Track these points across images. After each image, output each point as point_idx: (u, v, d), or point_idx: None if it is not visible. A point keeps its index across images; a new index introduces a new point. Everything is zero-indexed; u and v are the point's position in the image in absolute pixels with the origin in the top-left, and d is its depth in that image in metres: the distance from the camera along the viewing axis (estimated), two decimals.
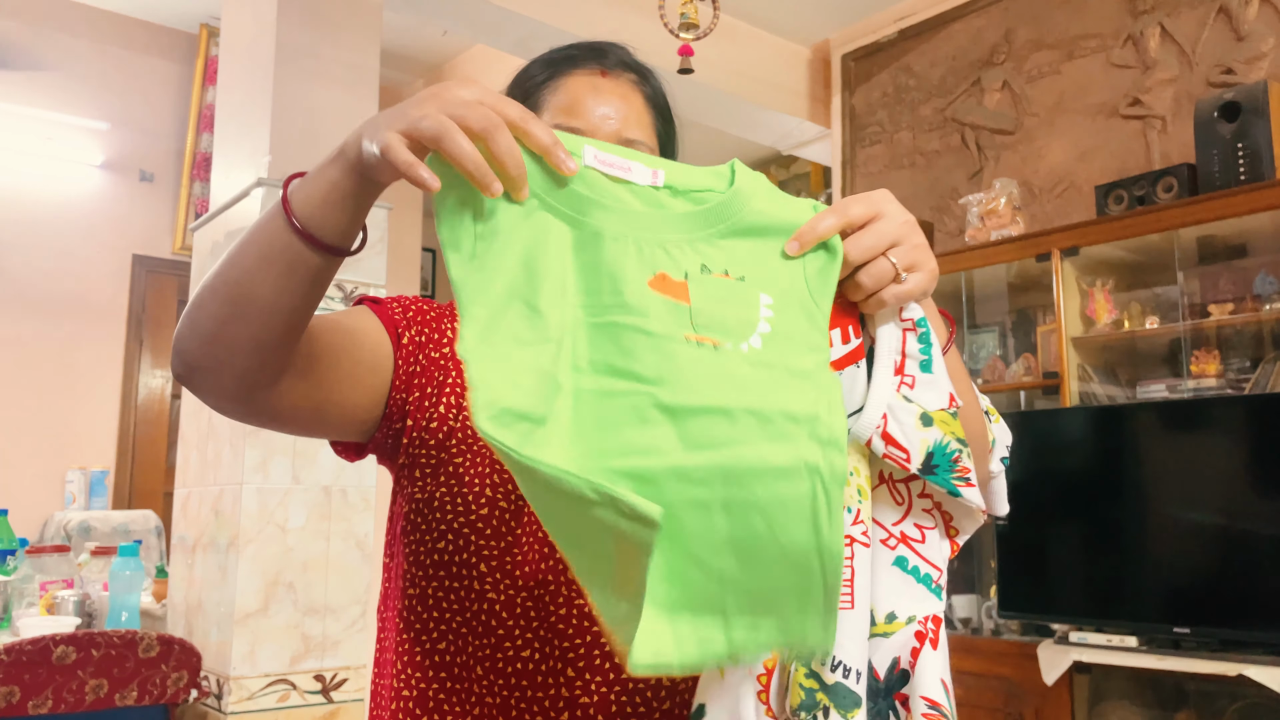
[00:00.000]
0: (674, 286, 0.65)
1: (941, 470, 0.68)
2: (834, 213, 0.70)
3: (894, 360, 0.70)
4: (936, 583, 0.71)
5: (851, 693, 0.65)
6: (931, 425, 0.69)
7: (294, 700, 2.60)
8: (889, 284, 0.70)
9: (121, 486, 4.75)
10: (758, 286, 0.67)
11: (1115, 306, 3.21)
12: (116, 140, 4.86)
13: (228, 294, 0.73)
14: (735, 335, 0.65)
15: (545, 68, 0.94)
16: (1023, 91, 3.84)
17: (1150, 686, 2.86)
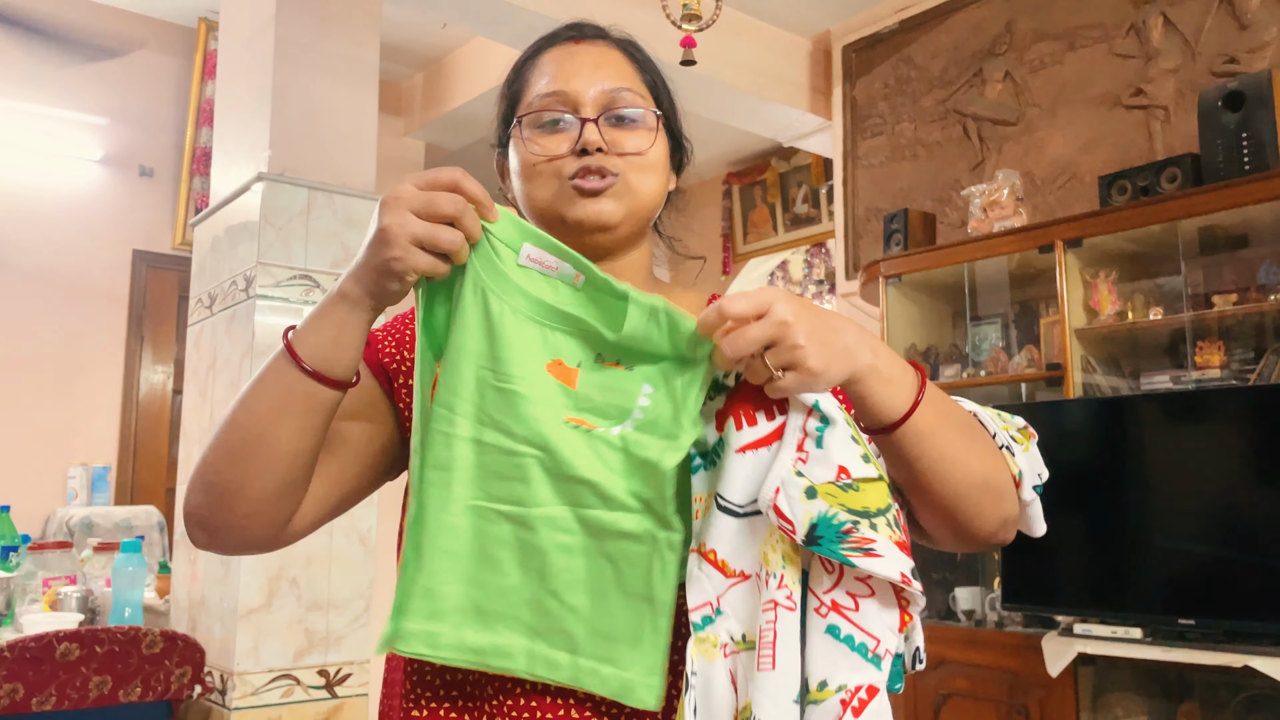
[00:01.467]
0: (566, 372, 0.77)
1: (826, 541, 0.70)
2: (715, 309, 0.74)
3: (797, 439, 0.74)
4: (874, 652, 0.71)
5: None
6: (816, 498, 0.72)
7: (298, 695, 2.60)
8: (765, 382, 0.74)
9: (123, 482, 4.75)
10: (641, 378, 0.77)
11: (1119, 297, 3.20)
12: (116, 135, 4.85)
13: (245, 453, 0.78)
14: (609, 420, 0.76)
15: (531, 51, 0.95)
16: (1025, 82, 3.83)
17: (1155, 678, 2.86)
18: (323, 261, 2.80)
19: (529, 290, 0.77)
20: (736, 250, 6.16)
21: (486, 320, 0.76)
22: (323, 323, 0.78)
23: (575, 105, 0.89)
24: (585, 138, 0.87)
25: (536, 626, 0.76)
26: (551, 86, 0.89)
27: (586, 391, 0.77)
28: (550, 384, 0.76)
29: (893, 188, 4.27)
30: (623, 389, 0.77)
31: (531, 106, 0.90)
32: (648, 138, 0.90)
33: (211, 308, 2.95)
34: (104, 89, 4.83)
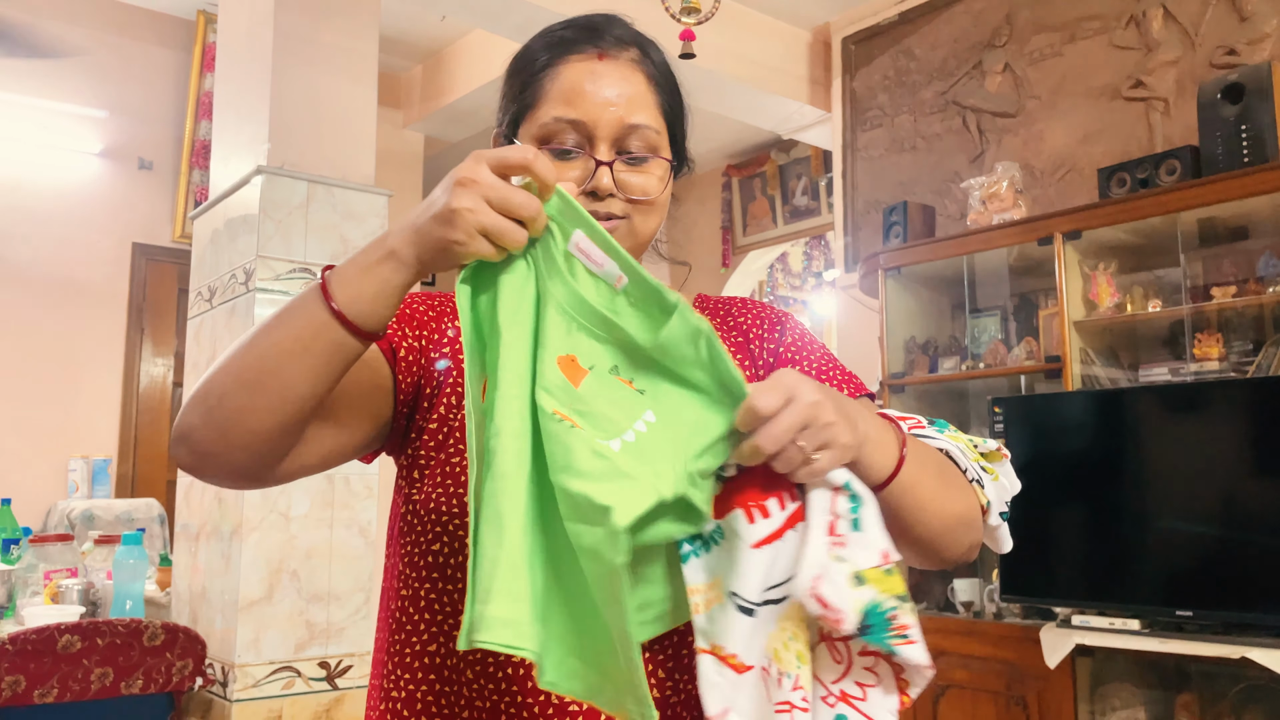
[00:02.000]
0: (574, 370, 0.72)
1: (876, 630, 0.70)
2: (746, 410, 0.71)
3: (826, 521, 0.72)
4: None
5: None
6: (864, 584, 0.70)
7: (299, 687, 2.61)
8: (799, 467, 0.71)
9: (124, 475, 4.76)
10: (649, 404, 0.72)
11: (1118, 290, 3.20)
12: (115, 128, 4.85)
13: (255, 382, 0.76)
14: (598, 431, 0.70)
15: (544, 51, 0.90)
16: (1024, 74, 3.83)
17: (1152, 669, 2.87)
18: (322, 254, 2.80)
19: (568, 279, 0.74)
20: (736, 243, 6.16)
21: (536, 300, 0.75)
22: (366, 276, 0.76)
23: (591, 137, 0.86)
24: (598, 182, 0.86)
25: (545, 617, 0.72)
26: (569, 113, 0.86)
27: (587, 395, 0.72)
28: (556, 377, 0.72)
29: (892, 180, 4.27)
30: (625, 407, 0.72)
31: (546, 129, 0.87)
32: (657, 183, 0.89)
33: (211, 301, 2.96)
34: (103, 82, 4.82)
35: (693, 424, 0.72)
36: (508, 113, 0.93)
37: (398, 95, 5.21)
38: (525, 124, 0.89)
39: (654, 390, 0.73)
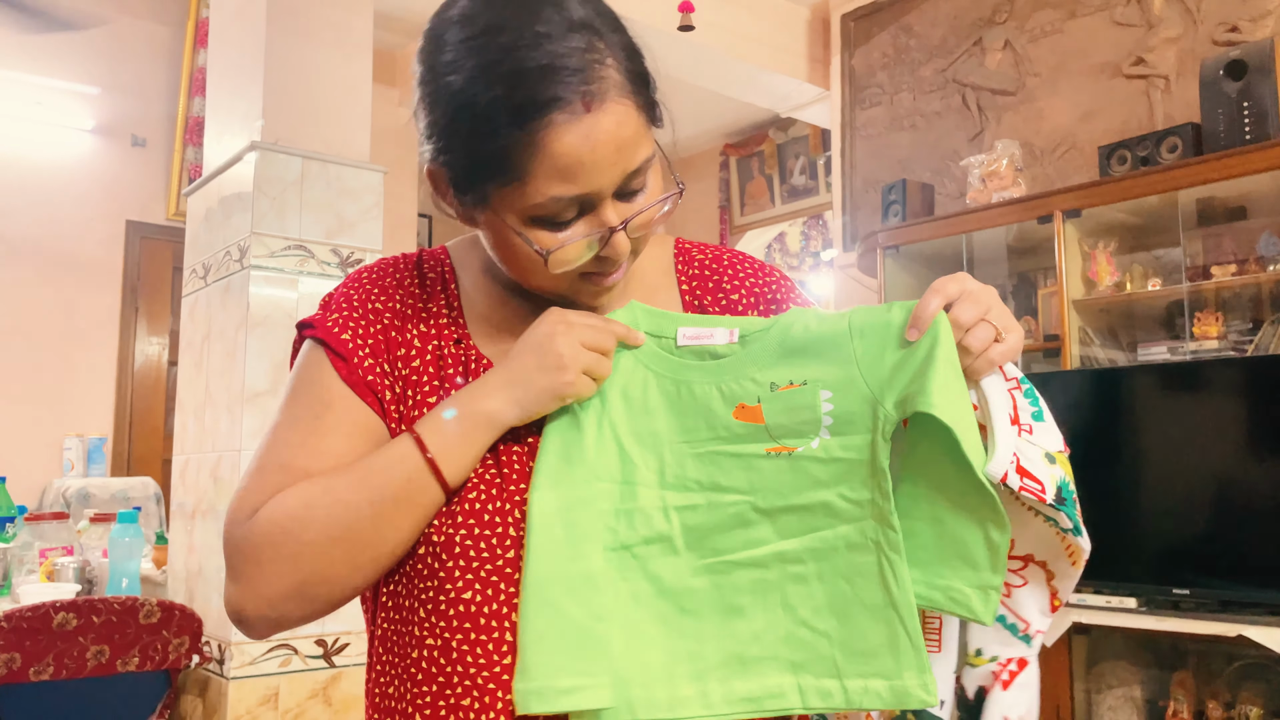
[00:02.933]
0: (751, 412, 0.82)
1: (1069, 505, 0.76)
2: (934, 293, 0.79)
3: (1008, 413, 0.78)
4: (1024, 632, 0.81)
5: (936, 718, 0.81)
6: (1055, 464, 0.77)
7: (296, 665, 2.61)
8: (991, 344, 0.78)
9: (120, 453, 4.75)
10: (818, 386, 0.81)
11: (1117, 269, 3.19)
12: (107, 105, 4.81)
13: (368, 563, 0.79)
14: (805, 436, 0.80)
15: (508, 116, 0.74)
16: (1024, 51, 3.80)
17: (1149, 647, 2.88)
18: (317, 231, 2.78)
19: (694, 362, 0.84)
20: (733, 222, 6.14)
21: (665, 402, 0.83)
22: (471, 446, 0.79)
23: (594, 203, 0.78)
24: (614, 250, 0.80)
25: (797, 660, 0.79)
26: (569, 190, 0.76)
27: (775, 420, 0.81)
28: (744, 429, 0.82)
29: (891, 158, 4.25)
30: (805, 404, 0.81)
31: (543, 209, 0.77)
32: (658, 208, 0.82)
33: (206, 278, 2.94)
34: (95, 58, 4.78)
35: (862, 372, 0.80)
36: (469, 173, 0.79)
37: (393, 72, 5.17)
38: (503, 198, 0.78)
39: (808, 374, 0.82)
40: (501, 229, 0.80)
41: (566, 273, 0.81)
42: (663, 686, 0.78)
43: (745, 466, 0.81)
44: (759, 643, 0.79)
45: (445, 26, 0.78)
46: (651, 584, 0.80)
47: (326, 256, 2.79)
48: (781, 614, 0.79)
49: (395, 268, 0.91)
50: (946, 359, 0.77)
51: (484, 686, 0.78)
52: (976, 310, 0.78)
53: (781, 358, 0.82)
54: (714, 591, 0.80)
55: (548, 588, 0.77)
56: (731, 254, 0.98)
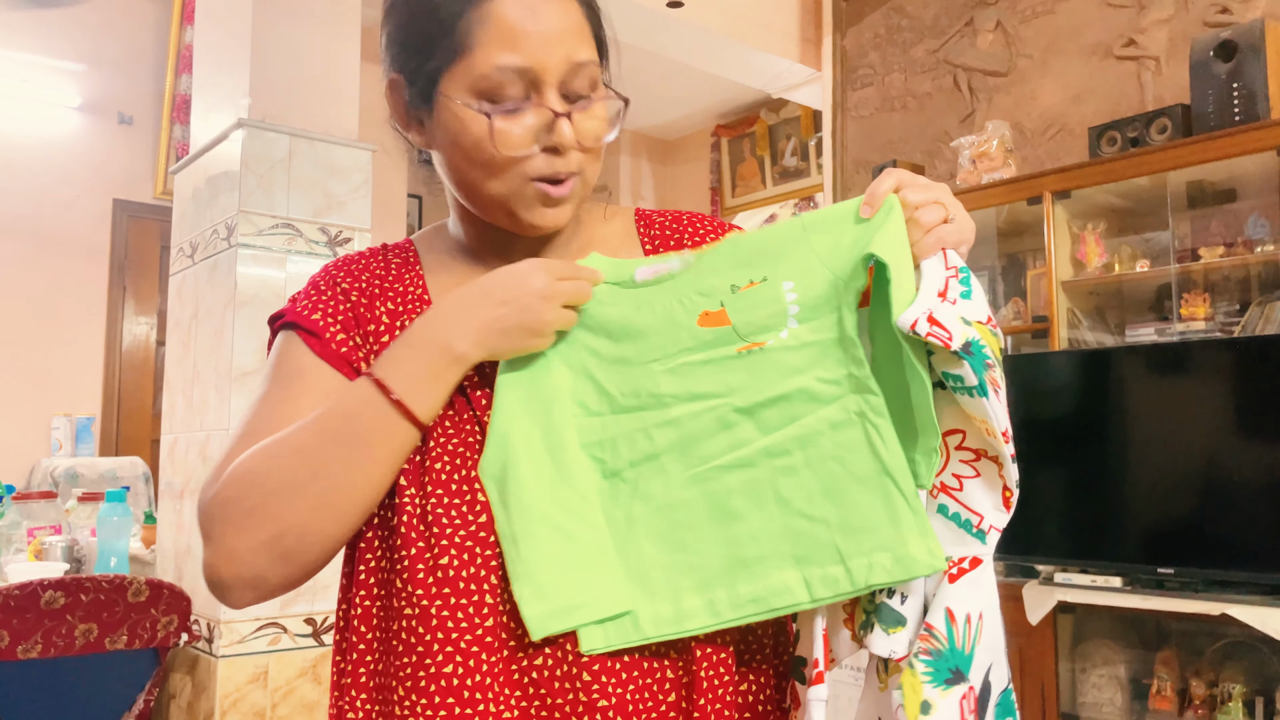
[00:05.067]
0: (715, 316, 0.82)
1: (975, 360, 0.73)
2: (888, 175, 0.80)
3: (938, 288, 0.77)
4: (978, 527, 0.77)
5: (894, 611, 0.77)
6: (970, 326, 0.75)
7: (285, 643, 2.62)
8: (940, 223, 0.78)
9: (108, 433, 4.74)
10: (778, 279, 0.81)
11: (1106, 250, 3.20)
12: (94, 82, 4.77)
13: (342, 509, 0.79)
14: (774, 329, 0.81)
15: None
16: (1016, 32, 3.79)
17: (1133, 626, 2.90)
18: (305, 210, 2.77)
19: (652, 286, 0.84)
20: (724, 204, 6.13)
21: (628, 328, 0.83)
22: (438, 383, 0.80)
23: (538, 83, 0.80)
24: (560, 137, 0.81)
25: (798, 553, 0.78)
26: (512, 59, 0.79)
27: (741, 319, 0.81)
28: (711, 334, 0.82)
29: (882, 139, 4.24)
30: (769, 296, 0.81)
31: (487, 80, 0.79)
32: (607, 125, 0.84)
33: (193, 257, 2.92)
34: (81, 34, 4.74)
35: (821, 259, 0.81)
36: (419, 61, 0.83)
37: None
38: (451, 77, 0.81)
39: (766, 269, 0.82)
40: (451, 112, 0.82)
41: (518, 173, 0.82)
42: (668, 602, 0.78)
43: (719, 369, 0.81)
44: (757, 542, 0.79)
45: None
46: (645, 504, 0.81)
47: (314, 235, 2.77)
48: (776, 509, 0.79)
49: (361, 256, 0.94)
50: (895, 227, 0.78)
51: (467, 650, 0.78)
52: (927, 194, 0.79)
53: (737, 262, 0.83)
54: (707, 499, 0.80)
55: (548, 511, 0.79)
56: (690, 214, 1.00)
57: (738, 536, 0.79)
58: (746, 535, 0.79)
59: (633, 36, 4.15)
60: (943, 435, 0.78)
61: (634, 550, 0.80)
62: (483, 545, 0.79)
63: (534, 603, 0.77)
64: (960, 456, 0.78)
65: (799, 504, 0.79)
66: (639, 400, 0.82)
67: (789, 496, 0.79)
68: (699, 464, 0.81)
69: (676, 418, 0.81)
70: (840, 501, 0.78)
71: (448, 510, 0.80)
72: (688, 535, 0.80)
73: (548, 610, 0.77)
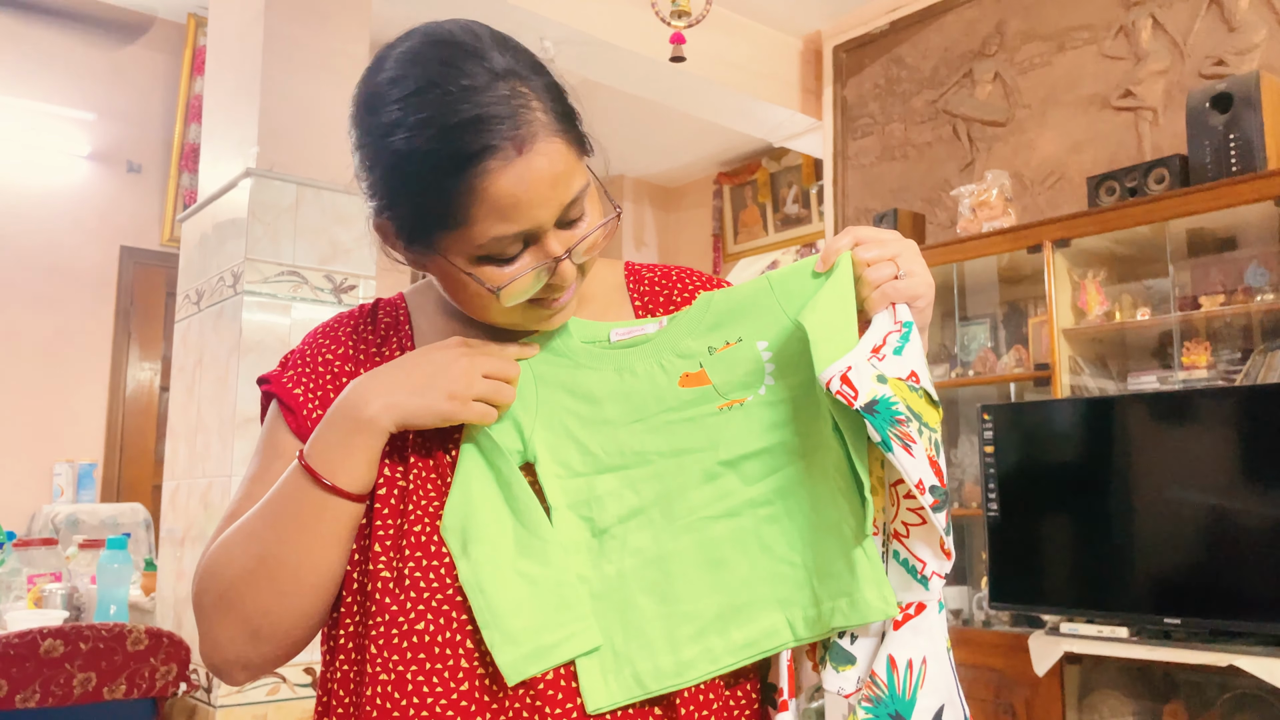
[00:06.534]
0: (695, 378, 0.87)
1: (880, 418, 0.76)
2: (846, 233, 0.84)
3: (874, 343, 0.81)
4: (921, 573, 0.80)
5: (844, 650, 0.81)
6: (884, 384, 0.78)
7: (284, 693, 2.60)
8: (889, 280, 0.82)
9: (110, 479, 4.73)
10: (753, 339, 0.87)
11: (1106, 298, 3.21)
12: (103, 131, 4.83)
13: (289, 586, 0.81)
14: (752, 386, 0.85)
15: (446, 167, 0.77)
16: (1014, 83, 3.84)
17: (1141, 677, 2.87)
18: (311, 258, 2.79)
19: (629, 349, 0.88)
20: (727, 250, 6.16)
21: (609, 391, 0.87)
22: (350, 453, 0.81)
23: (537, 237, 0.81)
24: (561, 278, 0.83)
25: (782, 596, 0.82)
26: (510, 229, 0.79)
27: (721, 379, 0.86)
28: (692, 394, 0.86)
29: (883, 188, 4.28)
30: (745, 356, 0.86)
31: (486, 249, 0.80)
32: (599, 234, 0.85)
33: (199, 304, 2.94)
34: (92, 84, 4.80)
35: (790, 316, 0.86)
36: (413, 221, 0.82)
37: None
38: (449, 242, 0.81)
39: (741, 331, 0.87)
40: (451, 272, 0.83)
41: (519, 306, 0.84)
42: (667, 654, 0.80)
43: (701, 426, 0.85)
44: (748, 588, 0.82)
45: (378, 89, 0.82)
46: (636, 558, 0.83)
47: (320, 282, 2.80)
48: (761, 556, 0.82)
49: (350, 319, 0.96)
50: (838, 284, 0.83)
51: (442, 714, 0.78)
52: (880, 251, 0.83)
53: (711, 325, 0.88)
54: (697, 549, 0.83)
55: (512, 558, 0.81)
56: (679, 269, 1.02)
57: (729, 583, 0.82)
58: (737, 582, 0.82)
59: (636, 87, 4.21)
60: (891, 484, 0.81)
61: (628, 604, 0.82)
62: (458, 610, 0.80)
63: (505, 648, 0.77)
64: (907, 504, 0.80)
65: (781, 550, 0.82)
66: (623, 458, 0.85)
67: (772, 544, 0.82)
68: (686, 515, 0.83)
69: (661, 471, 0.85)
70: (815, 548, 0.82)
71: (425, 574, 0.81)
72: (680, 585, 0.82)
73: (520, 655, 0.77)
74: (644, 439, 0.85)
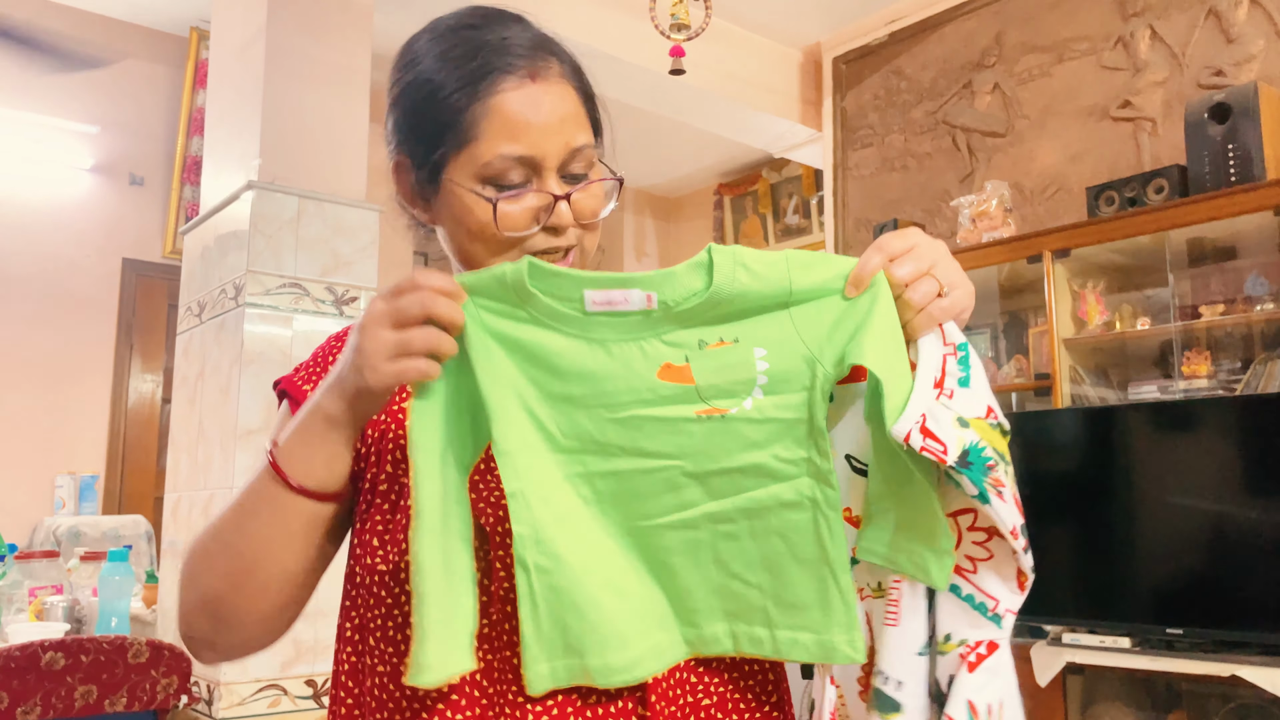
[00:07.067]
0: (678, 372, 0.77)
1: (974, 469, 0.71)
2: (876, 250, 0.76)
3: (934, 377, 0.74)
4: (993, 611, 0.75)
5: (889, 698, 0.75)
6: (968, 428, 0.72)
7: (285, 706, 2.59)
8: (933, 300, 0.75)
9: (111, 491, 4.73)
10: (751, 343, 0.77)
11: (1107, 308, 3.22)
12: (106, 143, 4.84)
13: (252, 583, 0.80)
14: (738, 396, 0.76)
15: (461, 84, 0.82)
16: (1014, 94, 3.85)
17: (1143, 687, 2.87)
18: (313, 270, 2.80)
19: (608, 319, 0.77)
20: None
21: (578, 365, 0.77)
22: (311, 447, 0.79)
23: (538, 169, 0.83)
24: (559, 219, 0.83)
25: (731, 609, 0.78)
26: (514, 149, 0.81)
27: (706, 380, 0.76)
28: (670, 389, 0.77)
29: (883, 198, 4.29)
30: (738, 360, 0.77)
31: (490, 168, 0.82)
32: (602, 202, 0.87)
33: (201, 316, 2.95)
34: (95, 97, 4.82)
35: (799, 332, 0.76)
36: (426, 148, 0.85)
37: None
38: (457, 164, 0.83)
39: (740, 332, 0.77)
40: (456, 196, 0.84)
41: (519, 250, 0.84)
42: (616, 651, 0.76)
43: (673, 430, 0.77)
44: (692, 596, 0.79)
45: (414, 40, 0.89)
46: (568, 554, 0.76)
47: (321, 294, 2.80)
48: (714, 570, 0.78)
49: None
50: (884, 315, 0.74)
51: (433, 705, 0.79)
52: (918, 266, 0.76)
53: (709, 314, 0.76)
54: (642, 553, 0.78)
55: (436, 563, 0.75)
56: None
57: (673, 590, 0.79)
58: (681, 590, 0.79)
59: (637, 98, 4.22)
60: (953, 514, 0.75)
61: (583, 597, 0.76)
62: None
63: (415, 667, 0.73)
64: (972, 538, 0.75)
65: (736, 568, 0.78)
66: (580, 444, 0.77)
67: (727, 560, 0.78)
68: (639, 519, 0.78)
69: (621, 470, 0.77)
70: (777, 575, 0.77)
71: None
72: (627, 582, 0.78)
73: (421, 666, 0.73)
74: (608, 429, 0.77)
